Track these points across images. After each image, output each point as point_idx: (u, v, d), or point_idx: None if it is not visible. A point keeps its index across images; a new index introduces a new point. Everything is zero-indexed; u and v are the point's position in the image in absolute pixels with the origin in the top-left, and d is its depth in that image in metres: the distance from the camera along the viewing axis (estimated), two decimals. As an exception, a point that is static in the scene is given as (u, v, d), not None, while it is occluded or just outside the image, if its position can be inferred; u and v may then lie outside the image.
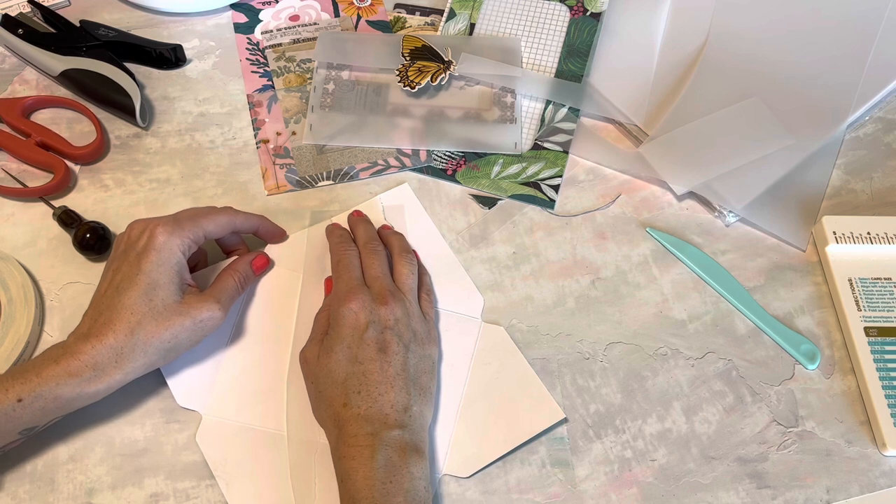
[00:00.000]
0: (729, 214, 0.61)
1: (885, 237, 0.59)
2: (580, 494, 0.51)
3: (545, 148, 0.64)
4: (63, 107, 0.65)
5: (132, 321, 0.48)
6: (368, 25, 0.71)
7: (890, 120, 0.68)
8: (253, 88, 0.67)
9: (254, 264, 0.56)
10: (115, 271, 0.50)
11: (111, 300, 0.48)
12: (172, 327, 0.49)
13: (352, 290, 0.52)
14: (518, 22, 0.70)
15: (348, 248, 0.56)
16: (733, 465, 0.52)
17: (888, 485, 0.52)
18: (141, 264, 0.49)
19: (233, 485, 0.50)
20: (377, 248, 0.56)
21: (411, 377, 0.50)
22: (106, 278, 0.51)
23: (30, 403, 0.45)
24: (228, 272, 0.54)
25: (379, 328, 0.50)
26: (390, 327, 0.50)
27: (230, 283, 0.53)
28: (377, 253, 0.55)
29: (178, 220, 0.51)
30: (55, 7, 0.70)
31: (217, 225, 0.53)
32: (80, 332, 0.48)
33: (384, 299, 0.51)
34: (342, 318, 0.50)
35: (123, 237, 0.52)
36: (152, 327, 0.48)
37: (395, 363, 0.49)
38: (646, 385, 0.55)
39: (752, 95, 0.66)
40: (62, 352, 0.47)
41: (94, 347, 0.47)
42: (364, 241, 0.56)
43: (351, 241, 0.57)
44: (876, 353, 0.55)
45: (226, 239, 0.57)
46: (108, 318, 0.48)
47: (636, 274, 0.59)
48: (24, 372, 0.46)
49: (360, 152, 0.64)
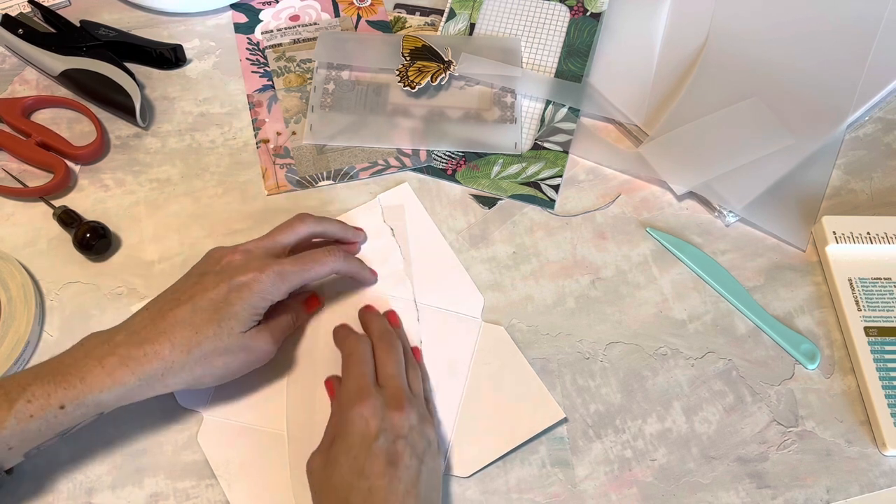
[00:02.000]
0: (729, 214, 0.61)
1: (885, 237, 0.59)
2: (580, 494, 0.51)
3: (545, 148, 0.64)
4: (63, 107, 0.65)
5: (193, 340, 0.46)
6: (368, 25, 0.71)
7: (890, 120, 0.68)
8: (253, 88, 0.67)
9: (306, 304, 0.55)
10: (201, 287, 0.48)
11: (181, 311, 0.47)
12: (228, 356, 0.48)
13: (363, 390, 0.47)
14: (518, 22, 0.70)
15: (361, 340, 0.52)
16: (733, 464, 0.52)
17: (888, 485, 0.52)
18: (230, 297, 0.48)
19: (234, 485, 0.50)
20: (394, 342, 0.52)
21: (422, 495, 0.45)
22: (185, 285, 0.49)
23: (72, 410, 0.44)
24: (285, 308, 0.52)
25: (391, 437, 0.46)
26: (404, 436, 0.46)
27: (286, 320, 0.52)
28: (394, 348, 0.51)
29: (285, 274, 0.50)
30: (55, 7, 0.70)
31: (321, 275, 0.52)
32: (133, 330, 0.46)
33: (399, 404, 0.47)
34: (350, 423, 0.46)
35: (226, 257, 0.50)
36: (210, 352, 0.47)
37: (405, 479, 0.44)
38: (646, 385, 0.55)
39: (752, 95, 0.66)
40: (108, 351, 0.45)
41: (147, 356, 0.45)
42: (379, 333, 0.53)
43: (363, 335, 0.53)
44: (876, 353, 0.55)
45: None
46: (169, 326, 0.46)
47: (636, 274, 0.59)
48: (66, 374, 0.44)
49: (360, 152, 0.64)
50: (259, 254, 0.51)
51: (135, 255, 0.59)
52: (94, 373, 0.44)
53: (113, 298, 0.57)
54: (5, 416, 0.43)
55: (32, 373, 0.45)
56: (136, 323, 0.47)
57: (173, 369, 0.46)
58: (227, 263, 0.50)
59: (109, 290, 0.57)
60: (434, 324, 0.56)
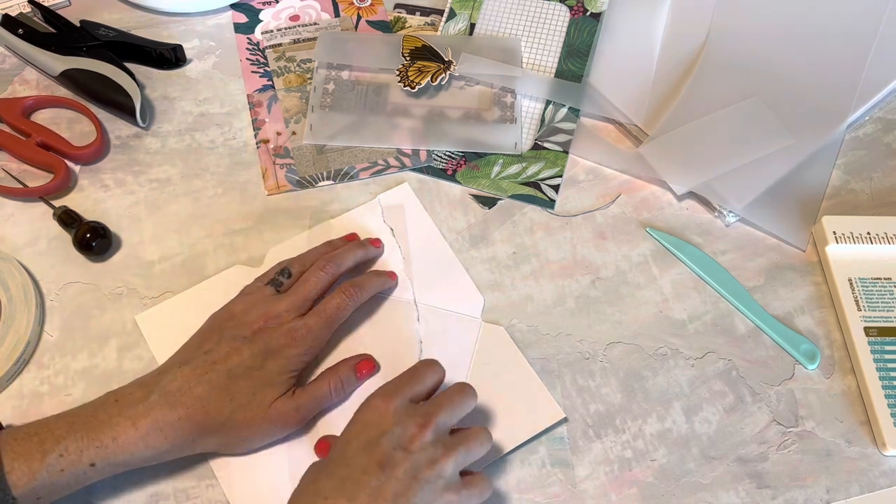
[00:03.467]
0: (729, 214, 0.61)
1: (885, 237, 0.59)
2: (580, 494, 0.51)
3: (545, 148, 0.64)
4: (63, 107, 0.65)
5: (227, 408, 0.46)
6: (368, 25, 0.71)
7: (890, 120, 0.68)
8: (253, 88, 0.67)
9: (358, 368, 0.52)
10: (235, 350, 0.48)
11: (216, 375, 0.47)
12: (254, 427, 0.48)
13: (396, 392, 0.46)
14: (518, 22, 0.70)
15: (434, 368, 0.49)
16: (733, 465, 0.52)
17: (888, 485, 0.52)
18: (266, 363, 0.48)
19: (235, 485, 0.50)
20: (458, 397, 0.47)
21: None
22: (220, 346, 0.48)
23: (102, 469, 0.44)
24: (327, 375, 0.51)
25: (395, 443, 0.43)
26: (410, 451, 0.43)
27: (323, 390, 0.50)
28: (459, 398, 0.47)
29: (314, 333, 0.50)
30: (55, 7, 0.70)
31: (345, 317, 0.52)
32: (167, 391, 0.46)
33: (425, 422, 0.44)
34: (366, 411, 0.45)
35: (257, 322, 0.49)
36: (240, 421, 0.47)
37: (388, 489, 0.41)
38: (646, 385, 0.55)
39: (752, 95, 0.66)
40: (142, 413, 0.45)
41: (181, 420, 0.45)
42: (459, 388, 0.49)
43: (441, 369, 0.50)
44: (876, 353, 0.55)
45: None
46: (205, 392, 0.46)
47: (636, 274, 0.59)
48: (99, 433, 0.44)
49: (360, 152, 0.64)
50: (290, 317, 0.50)
51: (135, 255, 0.59)
52: (126, 434, 0.44)
53: (113, 298, 0.57)
54: (38, 469, 0.43)
55: (67, 423, 0.45)
56: (170, 382, 0.46)
57: (203, 434, 0.46)
58: (259, 329, 0.49)
59: (109, 290, 0.57)
60: (434, 324, 0.56)
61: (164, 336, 0.54)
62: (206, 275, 0.58)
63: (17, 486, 0.42)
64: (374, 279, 0.55)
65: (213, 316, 0.52)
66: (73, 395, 0.53)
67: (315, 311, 0.51)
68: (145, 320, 0.56)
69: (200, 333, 0.50)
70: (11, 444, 0.43)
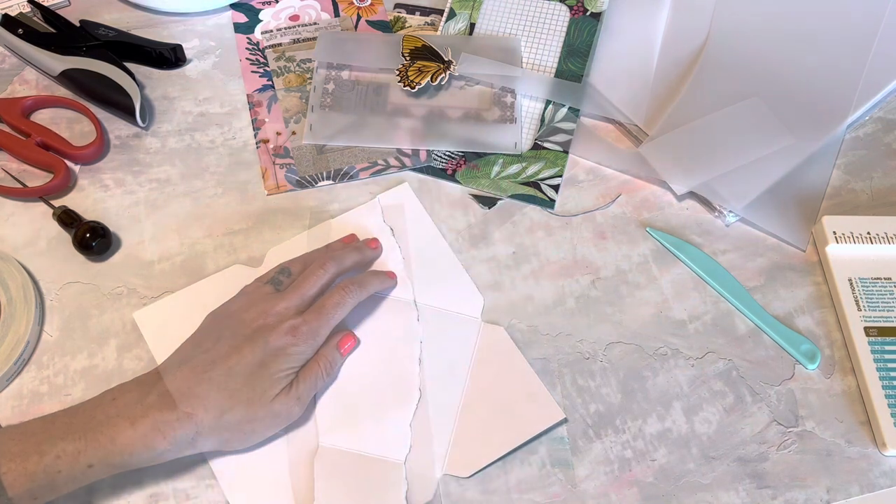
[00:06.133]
0: (729, 214, 0.61)
1: (885, 237, 0.59)
2: (580, 494, 0.51)
3: (545, 148, 0.64)
4: (63, 107, 0.65)
5: (226, 405, 0.46)
6: (368, 25, 0.71)
7: (890, 120, 0.68)
8: (253, 88, 0.67)
9: (340, 345, 0.53)
10: (236, 350, 0.48)
11: (216, 374, 0.47)
12: (256, 421, 0.48)
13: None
14: (518, 22, 0.70)
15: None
16: (733, 465, 0.52)
17: (888, 485, 0.52)
18: (267, 361, 0.48)
19: (235, 485, 0.50)
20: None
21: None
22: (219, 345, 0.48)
23: (100, 470, 0.44)
24: (315, 361, 0.51)
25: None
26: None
27: (317, 375, 0.51)
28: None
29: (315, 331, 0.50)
30: (55, 7, 0.70)
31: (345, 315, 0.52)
32: (167, 391, 0.46)
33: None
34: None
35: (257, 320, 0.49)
36: (241, 418, 0.47)
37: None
38: (646, 385, 0.55)
39: (752, 95, 0.66)
40: (141, 413, 0.45)
41: (179, 419, 0.45)
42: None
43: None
44: (876, 353, 0.55)
45: None
46: (204, 391, 0.46)
47: (636, 274, 0.59)
48: (97, 433, 0.44)
49: (360, 152, 0.64)
50: (290, 314, 0.50)
51: (135, 255, 0.59)
52: (125, 434, 0.44)
53: (113, 298, 0.57)
54: (35, 470, 0.43)
55: (65, 424, 0.44)
56: (169, 381, 0.47)
57: (203, 433, 0.46)
58: (259, 327, 0.49)
59: (109, 290, 0.57)
60: (434, 324, 0.56)
61: (162, 334, 0.54)
62: (205, 275, 0.58)
63: (12, 487, 0.42)
64: (374, 278, 0.55)
65: (211, 314, 0.51)
66: (72, 395, 0.53)
67: (314, 308, 0.51)
68: (143, 317, 0.56)
69: (199, 332, 0.50)
70: (7, 445, 0.43)
